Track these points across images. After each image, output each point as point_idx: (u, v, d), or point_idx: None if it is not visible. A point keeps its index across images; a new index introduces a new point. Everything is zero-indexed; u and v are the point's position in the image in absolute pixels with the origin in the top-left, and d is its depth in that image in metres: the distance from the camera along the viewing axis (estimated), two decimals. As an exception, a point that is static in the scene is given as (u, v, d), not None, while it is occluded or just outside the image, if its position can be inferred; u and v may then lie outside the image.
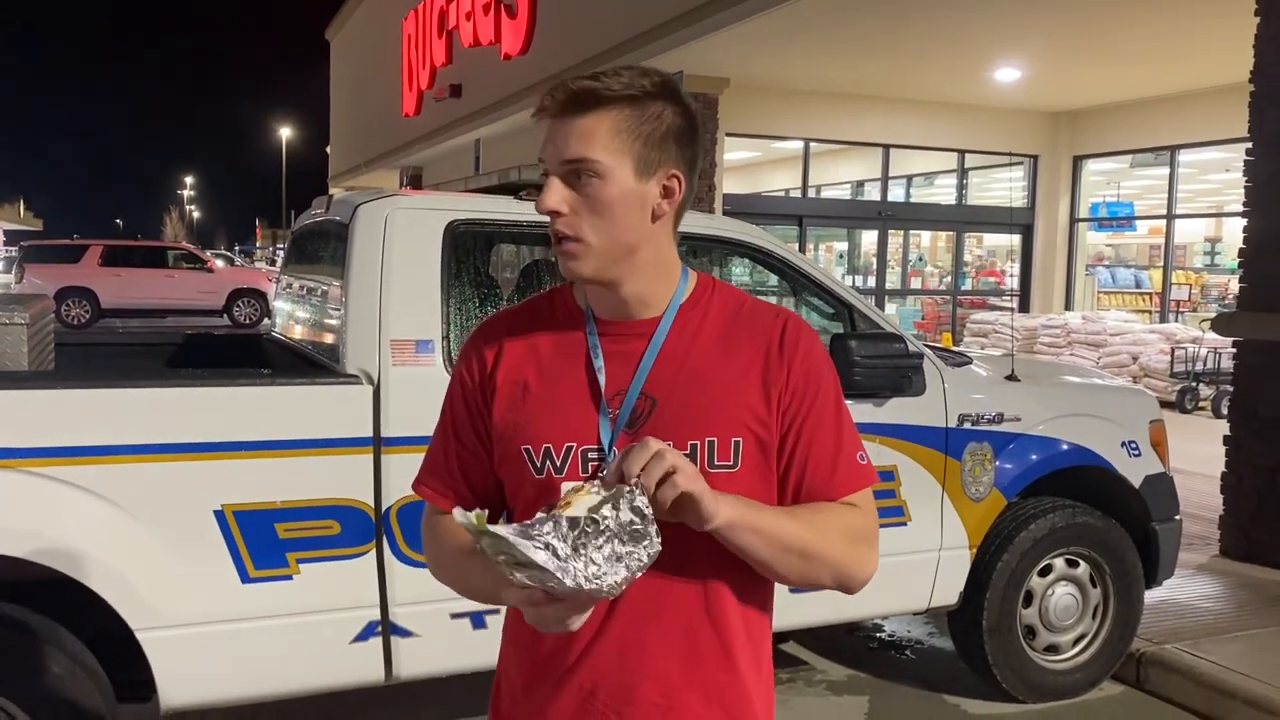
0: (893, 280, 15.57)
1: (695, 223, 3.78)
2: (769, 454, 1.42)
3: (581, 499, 1.21)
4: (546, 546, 1.17)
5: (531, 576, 1.19)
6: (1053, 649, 4.27)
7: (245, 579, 3.00)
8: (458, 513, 1.21)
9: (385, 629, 3.17)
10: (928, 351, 3.98)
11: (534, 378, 1.45)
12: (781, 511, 1.38)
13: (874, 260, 15.27)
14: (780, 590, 1.54)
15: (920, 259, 17.07)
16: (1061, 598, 4.23)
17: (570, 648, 1.40)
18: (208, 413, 3.00)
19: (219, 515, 2.97)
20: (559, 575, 1.17)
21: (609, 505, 1.20)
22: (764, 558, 1.35)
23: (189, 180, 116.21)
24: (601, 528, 1.19)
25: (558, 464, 1.40)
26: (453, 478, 1.51)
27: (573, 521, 1.19)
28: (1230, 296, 13.45)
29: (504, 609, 1.48)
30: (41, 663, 2.81)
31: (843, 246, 17.10)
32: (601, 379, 1.42)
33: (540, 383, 1.45)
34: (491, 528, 1.18)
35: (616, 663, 1.38)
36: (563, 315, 1.50)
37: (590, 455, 1.40)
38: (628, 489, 1.21)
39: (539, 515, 1.20)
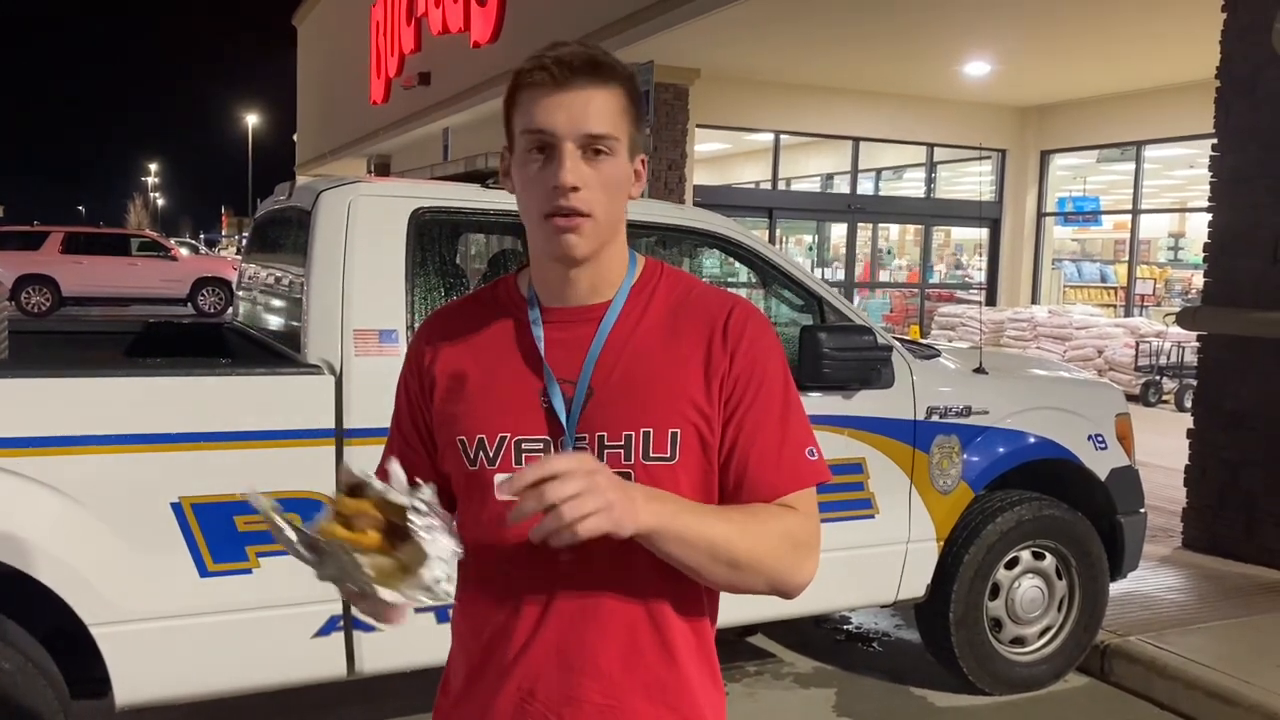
0: (861, 273, 15.62)
1: (665, 213, 3.75)
2: (709, 447, 1.37)
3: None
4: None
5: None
6: (1019, 641, 4.28)
7: (204, 573, 2.94)
8: (248, 492, 1.23)
9: (347, 623, 3.12)
10: (896, 344, 3.98)
11: (472, 368, 1.41)
12: (713, 515, 1.31)
13: (843, 253, 15.31)
14: None
15: (889, 252, 17.15)
16: (1028, 590, 4.24)
17: (506, 645, 1.36)
18: (165, 403, 2.93)
19: (176, 508, 2.90)
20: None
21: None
22: (690, 565, 1.30)
23: (154, 167, 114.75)
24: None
25: (490, 455, 1.36)
26: None
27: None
28: (1194, 291, 13.62)
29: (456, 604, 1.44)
30: (-9, 659, 2.73)
31: (812, 239, 17.13)
32: (545, 367, 1.38)
33: (478, 373, 1.41)
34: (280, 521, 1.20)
35: (556, 662, 1.34)
36: (506, 304, 1.46)
37: (526, 446, 1.36)
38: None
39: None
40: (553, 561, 1.31)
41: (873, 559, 3.91)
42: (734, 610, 1.50)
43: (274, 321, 3.89)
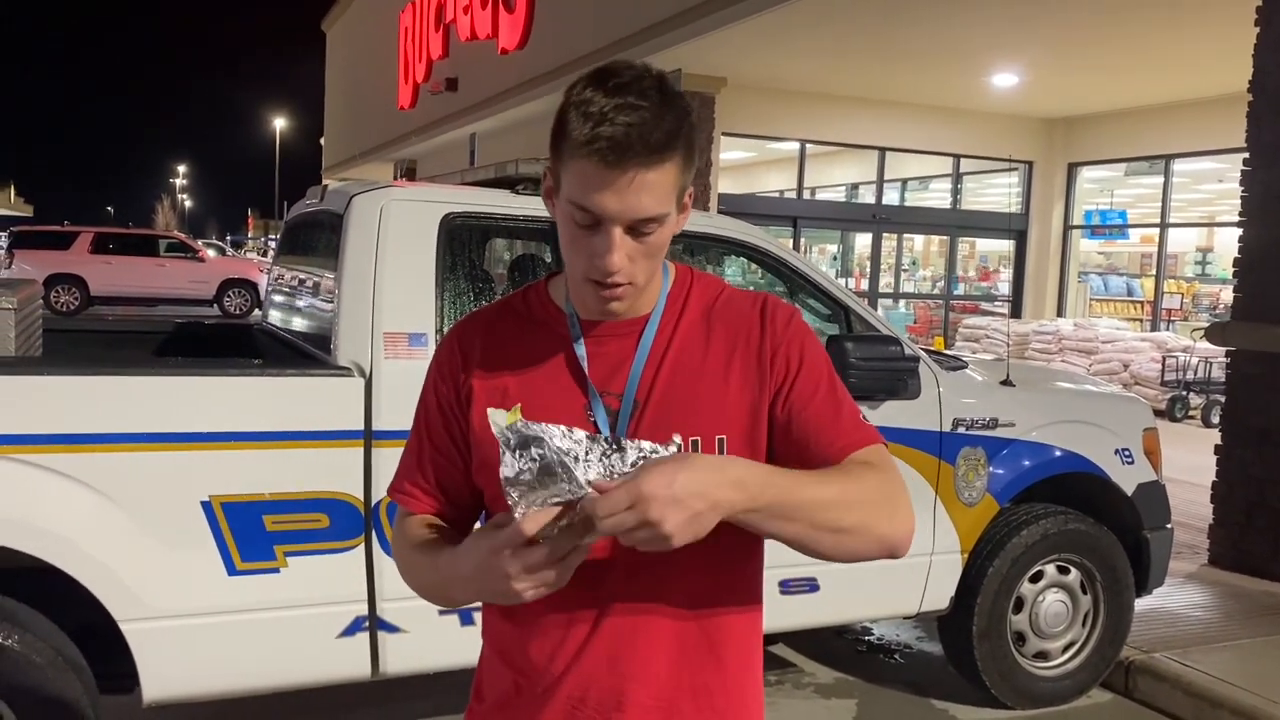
0: (885, 283, 15.56)
1: (693, 221, 3.75)
2: (758, 446, 1.38)
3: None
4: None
5: (533, 487, 1.17)
6: (1042, 655, 4.26)
7: (232, 571, 2.97)
8: (491, 412, 1.19)
9: (372, 624, 3.14)
10: (924, 355, 3.97)
11: (513, 382, 1.41)
12: (811, 482, 1.28)
13: (868, 263, 15.28)
14: (769, 592, 1.52)
15: (914, 263, 17.07)
16: (1052, 604, 4.22)
17: (558, 657, 1.36)
18: (197, 402, 2.96)
19: (206, 506, 2.93)
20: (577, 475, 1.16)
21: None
22: (795, 540, 1.28)
23: (181, 169, 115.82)
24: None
25: None
26: (427, 483, 1.46)
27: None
28: (1221, 306, 13.50)
29: (496, 613, 1.44)
30: (22, 652, 2.77)
31: (837, 248, 17.10)
32: (589, 384, 1.38)
33: (520, 387, 1.40)
34: (527, 425, 1.18)
35: (607, 667, 1.35)
36: (541, 315, 1.45)
37: None
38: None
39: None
40: (604, 574, 1.32)
41: (896, 570, 3.85)
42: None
43: (304, 323, 3.92)
